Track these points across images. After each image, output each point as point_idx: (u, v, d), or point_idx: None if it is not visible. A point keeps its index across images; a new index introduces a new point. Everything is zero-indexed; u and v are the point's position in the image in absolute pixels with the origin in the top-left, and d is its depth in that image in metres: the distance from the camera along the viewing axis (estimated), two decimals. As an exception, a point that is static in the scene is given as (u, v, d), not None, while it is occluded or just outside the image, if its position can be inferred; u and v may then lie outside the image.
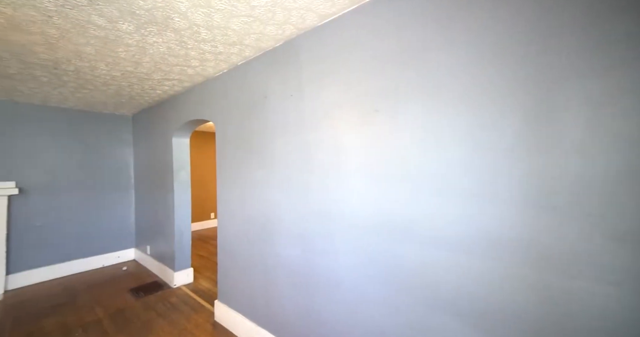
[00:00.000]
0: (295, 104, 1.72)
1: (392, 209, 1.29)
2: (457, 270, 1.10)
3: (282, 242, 1.81)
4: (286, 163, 1.78)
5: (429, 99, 1.17)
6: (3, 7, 1.37)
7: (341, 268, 1.49)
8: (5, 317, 2.48)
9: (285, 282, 1.79)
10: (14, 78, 2.32)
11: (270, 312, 1.89)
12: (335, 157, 1.52)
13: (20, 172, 3.10)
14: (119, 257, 3.82)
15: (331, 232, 1.53)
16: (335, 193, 1.52)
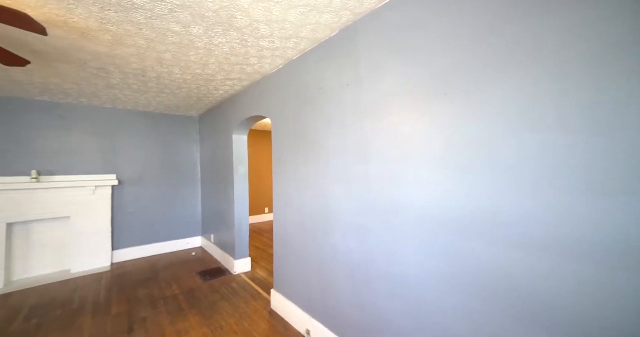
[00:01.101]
0: (352, 94, 1.66)
1: (466, 202, 1.14)
2: (554, 277, 0.91)
3: (338, 235, 1.78)
4: (343, 154, 1.74)
5: (520, 74, 0.99)
6: (110, 26, 1.62)
7: (404, 264, 1.38)
8: (113, 284, 2.99)
9: (341, 275, 1.75)
10: (115, 87, 2.77)
11: (325, 304, 1.88)
12: (396, 147, 1.42)
13: (118, 167, 3.71)
14: (189, 244, 4.30)
15: (393, 225, 1.43)
16: (397, 185, 1.41)
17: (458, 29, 1.16)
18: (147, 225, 3.95)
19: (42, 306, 2.55)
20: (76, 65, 2.21)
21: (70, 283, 3.06)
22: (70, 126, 3.40)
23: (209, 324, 2.22)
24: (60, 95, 3.07)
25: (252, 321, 2.25)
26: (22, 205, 3.06)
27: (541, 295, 0.94)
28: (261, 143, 6.11)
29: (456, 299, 1.17)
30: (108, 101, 3.36)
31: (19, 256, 3.14)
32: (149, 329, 2.16)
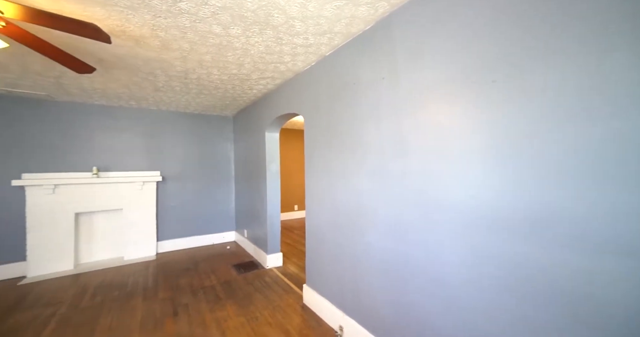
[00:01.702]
0: (388, 87, 1.62)
1: (513, 199, 1.05)
2: (623, 284, 0.80)
3: (372, 232, 1.74)
4: (378, 150, 1.70)
5: (583, 55, 0.89)
6: (160, 32, 1.75)
7: (445, 264, 1.31)
8: (159, 272, 3.25)
9: (376, 273, 1.72)
10: (161, 90, 3.00)
11: (359, 301, 1.86)
12: (435, 141, 1.35)
13: (162, 164, 4.01)
14: (224, 238, 4.52)
15: (432, 223, 1.37)
16: (436, 180, 1.35)
17: (508, 9, 1.07)
18: (187, 219, 4.22)
19: (103, 287, 2.85)
20: (129, 71, 2.43)
21: (123, 269, 3.37)
22: (122, 127, 3.75)
23: (245, 314, 2.31)
24: (115, 99, 3.39)
25: (285, 315, 2.30)
26: (86, 198, 3.44)
27: (609, 304, 0.83)
28: (291, 142, 6.22)
29: (505, 302, 1.08)
30: (154, 103, 3.64)
31: (84, 242, 3.54)
32: (191, 315, 2.31)
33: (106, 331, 2.10)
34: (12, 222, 3.13)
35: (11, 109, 3.13)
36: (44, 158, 3.30)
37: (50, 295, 2.69)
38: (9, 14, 1.24)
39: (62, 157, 3.39)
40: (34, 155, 3.25)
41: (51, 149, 3.33)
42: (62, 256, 3.29)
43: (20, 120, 3.18)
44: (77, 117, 3.47)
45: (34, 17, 1.25)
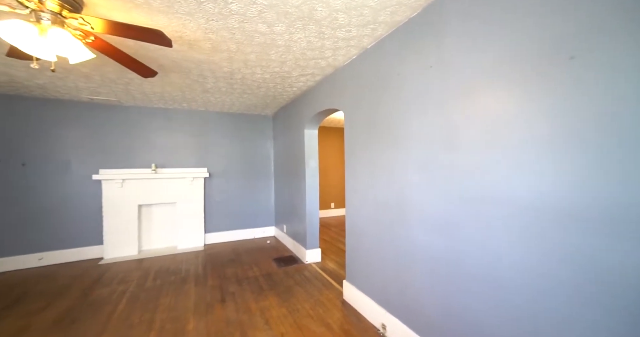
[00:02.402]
0: (436, 76, 1.52)
1: (583, 192, 0.90)
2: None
3: (418, 228, 1.66)
4: (425, 143, 1.61)
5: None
6: (211, 34, 1.88)
7: (504, 266, 1.19)
8: (207, 261, 3.51)
9: (422, 271, 1.64)
10: (209, 91, 3.23)
11: (403, 300, 1.78)
12: (490, 131, 1.24)
13: (209, 161, 4.32)
14: (264, 232, 4.70)
15: (488, 219, 1.26)
16: (492, 174, 1.23)
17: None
18: (230, 213, 4.48)
19: (162, 271, 3.16)
20: (183, 74, 2.65)
21: (177, 257, 3.70)
22: (175, 127, 4.11)
23: (287, 306, 2.37)
24: (170, 102, 3.73)
25: (326, 309, 2.31)
26: (146, 191, 3.85)
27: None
28: (328, 139, 6.24)
29: (583, 312, 0.94)
30: (202, 105, 3.93)
31: (145, 231, 3.97)
32: (238, 302, 2.44)
33: (167, 310, 2.32)
34: (93, 212, 3.63)
35: (92, 115, 3.63)
36: (115, 156, 3.77)
37: (121, 275, 3.07)
38: (97, 28, 1.43)
39: (127, 155, 3.84)
40: (107, 153, 3.72)
41: (120, 148, 3.79)
42: (129, 242, 3.73)
43: (98, 124, 3.67)
44: (139, 119, 3.90)
45: (115, 29, 1.42)
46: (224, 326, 2.09)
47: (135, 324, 2.12)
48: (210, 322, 2.14)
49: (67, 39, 1.36)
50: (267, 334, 1.99)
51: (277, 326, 2.08)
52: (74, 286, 2.82)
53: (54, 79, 2.74)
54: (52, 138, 3.46)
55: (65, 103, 3.51)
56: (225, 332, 2.01)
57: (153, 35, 1.45)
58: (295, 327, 2.07)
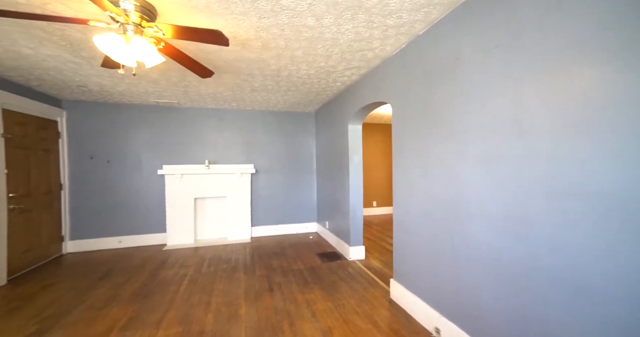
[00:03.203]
0: (502, 57, 1.36)
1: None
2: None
3: (478, 226, 1.51)
4: (487, 132, 1.46)
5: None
6: (262, 32, 1.95)
7: (595, 273, 1.01)
8: (254, 253, 3.70)
9: (484, 275, 1.49)
10: (256, 90, 3.39)
11: (461, 304, 1.64)
12: (572, 115, 1.06)
13: (255, 158, 4.55)
14: (307, 228, 4.79)
15: (574, 218, 1.08)
16: (574, 163, 1.05)
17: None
18: (274, 208, 4.65)
19: (215, 259, 3.42)
20: (234, 74, 2.81)
21: (228, 247, 3.97)
22: (225, 126, 4.40)
23: (332, 300, 2.37)
24: (221, 102, 4.00)
25: (372, 307, 2.25)
26: (201, 186, 4.20)
27: None
28: (370, 136, 6.11)
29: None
30: (249, 104, 4.14)
31: (200, 222, 4.34)
32: (284, 293, 2.52)
33: (221, 294, 2.49)
34: (158, 203, 4.09)
35: (157, 116, 4.08)
36: (175, 153, 4.18)
37: (182, 260, 3.40)
38: (168, 34, 1.58)
39: (185, 152, 4.23)
40: (169, 150, 4.15)
41: (179, 145, 4.20)
42: (186, 231, 4.11)
43: (161, 124, 4.11)
44: (195, 119, 4.26)
45: (182, 33, 1.56)
46: (273, 314, 2.17)
47: (195, 304, 2.32)
48: (260, 309, 2.24)
49: (145, 45, 1.53)
50: (314, 325, 2.01)
51: (324, 319, 2.09)
52: (145, 266, 3.20)
53: (130, 85, 3.13)
54: (127, 138, 3.97)
55: (137, 107, 4.00)
56: (274, 320, 2.08)
57: (213, 36, 1.56)
58: (341, 321, 2.05)
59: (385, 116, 5.45)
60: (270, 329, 1.97)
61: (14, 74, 2.74)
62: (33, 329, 1.99)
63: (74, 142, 3.77)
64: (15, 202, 2.90)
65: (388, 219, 5.70)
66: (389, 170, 6.38)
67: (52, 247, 3.50)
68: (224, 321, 2.08)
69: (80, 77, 2.82)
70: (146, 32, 1.62)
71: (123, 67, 1.99)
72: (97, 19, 1.59)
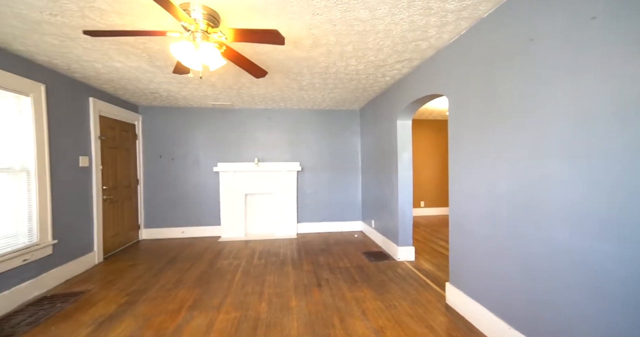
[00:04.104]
0: (600, 30, 1.16)
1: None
2: None
3: (562, 229, 1.32)
4: (574, 121, 1.26)
5: None
6: (314, 30, 1.97)
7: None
8: (301, 249, 3.80)
9: (569, 287, 1.29)
10: (304, 89, 3.47)
11: (539, 317, 1.45)
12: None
13: (300, 156, 4.66)
14: (351, 227, 4.75)
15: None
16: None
17: None
18: (319, 206, 4.71)
19: (265, 253, 3.60)
20: (284, 74, 2.91)
21: (275, 242, 4.14)
22: (273, 126, 4.60)
23: (382, 300, 2.30)
24: (270, 102, 4.19)
25: (426, 310, 2.13)
26: (250, 182, 4.45)
27: None
28: (416, 133, 5.81)
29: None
30: (296, 103, 4.25)
31: (249, 217, 4.60)
32: (332, 289, 2.53)
33: (272, 286, 2.61)
34: (214, 198, 4.46)
35: (213, 118, 4.45)
36: (228, 151, 4.51)
37: (234, 252, 3.65)
38: (229, 38, 1.70)
39: (237, 150, 4.53)
40: (223, 149, 4.49)
41: (231, 144, 4.51)
42: (238, 225, 4.40)
43: (216, 125, 4.47)
44: (245, 120, 4.54)
45: (241, 35, 1.67)
46: (322, 308, 2.19)
47: (249, 293, 2.46)
48: (310, 303, 2.28)
49: (211, 50, 1.67)
50: (365, 324, 1.97)
51: (375, 318, 2.04)
52: (204, 255, 3.51)
53: (193, 90, 3.46)
54: (188, 138, 4.41)
55: (196, 110, 4.41)
56: (324, 315, 2.10)
57: (270, 35, 1.63)
58: (393, 322, 1.98)
59: (435, 111, 5.12)
60: (321, 323, 1.99)
61: (107, 86, 3.23)
62: (124, 300, 2.34)
63: (147, 142, 4.31)
64: (107, 193, 3.43)
65: (437, 221, 5.36)
66: (437, 168, 5.99)
67: (132, 233, 4.06)
68: (276, 310, 2.17)
69: (153, 84, 3.20)
70: (211, 37, 1.76)
71: (191, 72, 2.19)
72: (172, 30, 1.78)
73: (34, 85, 2.46)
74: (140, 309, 2.20)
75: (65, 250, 2.78)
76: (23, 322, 2.02)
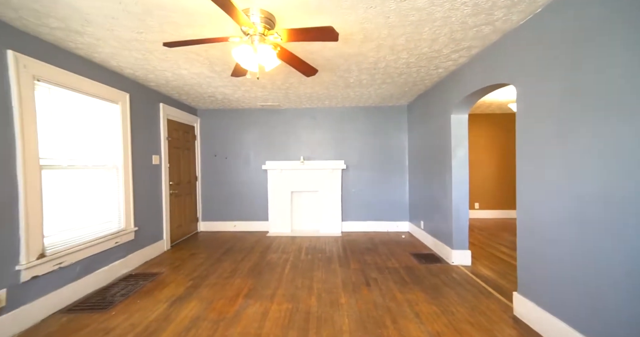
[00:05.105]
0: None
1: None
2: None
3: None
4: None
5: None
6: (367, 24, 1.94)
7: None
8: (346, 247, 3.79)
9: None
10: (350, 86, 3.45)
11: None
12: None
13: (345, 154, 4.65)
14: (397, 227, 4.58)
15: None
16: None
17: None
18: (364, 205, 4.63)
19: (311, 249, 3.67)
20: (331, 72, 2.92)
21: (320, 239, 4.19)
22: (317, 124, 4.66)
23: (437, 305, 2.17)
24: (315, 101, 4.25)
25: (490, 320, 1.95)
26: (296, 180, 4.58)
27: None
28: (473, 129, 5.35)
29: None
30: (341, 101, 4.24)
31: (295, 213, 4.74)
32: (382, 289, 2.46)
33: (320, 281, 2.64)
34: (262, 194, 4.70)
35: (261, 118, 4.69)
36: (275, 150, 4.70)
37: (283, 246, 3.79)
38: (284, 38, 1.77)
39: (284, 149, 4.69)
40: (271, 148, 4.70)
41: (278, 143, 4.69)
42: (284, 221, 4.56)
43: (265, 125, 4.70)
44: (292, 119, 4.68)
45: (296, 35, 1.72)
46: (372, 307, 2.15)
47: (299, 287, 2.53)
48: (360, 301, 2.26)
49: (268, 51, 1.75)
50: (420, 327, 1.88)
51: (430, 322, 1.94)
52: (255, 248, 3.72)
53: (245, 92, 3.69)
54: (239, 138, 4.71)
55: (247, 111, 4.69)
56: (375, 314, 2.05)
57: (325, 32, 1.64)
58: (452, 329, 1.85)
59: (494, 103, 4.66)
60: (372, 322, 1.95)
61: (174, 92, 3.63)
62: (189, 284, 2.60)
63: (204, 142, 4.72)
64: (172, 188, 3.86)
65: (494, 224, 4.88)
66: (494, 167, 5.45)
67: (192, 225, 4.49)
68: (326, 305, 2.19)
69: (211, 88, 3.49)
70: (267, 39, 1.84)
71: (248, 73, 2.33)
72: (233, 35, 1.91)
73: (121, 95, 2.87)
74: (203, 293, 2.42)
75: (143, 236, 3.19)
76: (118, 294, 2.41)
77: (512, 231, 4.45)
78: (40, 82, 2.08)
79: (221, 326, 1.92)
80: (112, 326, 1.95)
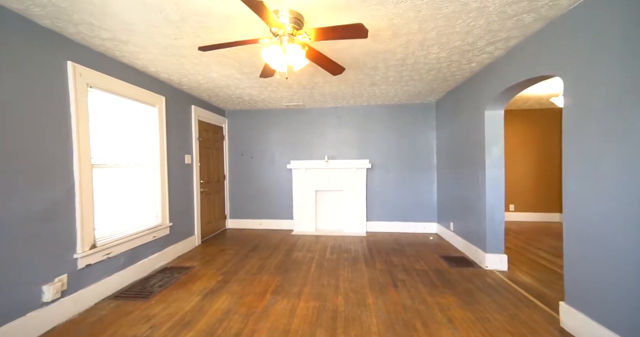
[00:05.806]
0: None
1: None
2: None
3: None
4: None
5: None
6: (396, 19, 1.89)
7: None
8: (371, 247, 3.73)
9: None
10: (376, 84, 3.39)
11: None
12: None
13: (370, 153, 4.58)
14: (425, 228, 4.43)
15: None
16: None
17: None
18: (389, 205, 4.53)
19: (336, 248, 3.66)
20: (358, 70, 2.89)
21: (345, 238, 4.17)
22: (342, 123, 4.63)
23: (472, 311, 2.06)
24: (340, 100, 4.23)
25: (533, 331, 1.81)
26: (321, 179, 4.59)
27: None
28: (508, 124, 5.03)
29: None
30: (366, 99, 4.18)
31: (320, 213, 4.76)
32: (410, 291, 2.39)
33: (346, 281, 2.62)
34: (287, 193, 4.77)
35: (286, 118, 4.76)
36: (300, 150, 4.74)
37: (307, 245, 3.82)
38: (312, 37, 1.78)
39: (308, 148, 4.73)
40: (295, 148, 4.76)
41: (303, 143, 4.73)
42: (309, 220, 4.59)
43: (290, 125, 4.76)
44: (316, 119, 4.70)
45: (324, 34, 1.72)
46: (401, 310, 2.10)
47: (325, 285, 2.53)
48: (388, 302, 2.21)
49: (297, 51, 1.76)
50: (454, 334, 1.80)
51: (465, 329, 1.84)
52: (280, 246, 3.78)
53: (271, 93, 3.76)
54: (264, 137, 4.82)
55: (272, 111, 4.78)
56: (405, 317, 2.00)
57: (354, 30, 1.63)
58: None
59: (531, 98, 4.35)
60: (402, 325, 1.90)
61: (204, 94, 3.80)
62: (220, 278, 2.71)
63: (231, 142, 4.89)
64: (203, 186, 4.04)
65: (532, 227, 4.55)
66: (532, 167, 5.08)
67: (220, 222, 4.67)
68: (353, 305, 2.17)
69: (239, 90, 3.60)
70: (296, 39, 1.86)
71: (277, 73, 2.36)
72: (262, 37, 1.95)
73: (158, 98, 3.06)
74: (233, 287, 2.50)
75: (177, 232, 3.37)
76: (156, 285, 2.58)
77: (552, 235, 4.12)
78: (92, 89, 2.27)
79: (251, 320, 1.98)
80: (152, 314, 2.08)
